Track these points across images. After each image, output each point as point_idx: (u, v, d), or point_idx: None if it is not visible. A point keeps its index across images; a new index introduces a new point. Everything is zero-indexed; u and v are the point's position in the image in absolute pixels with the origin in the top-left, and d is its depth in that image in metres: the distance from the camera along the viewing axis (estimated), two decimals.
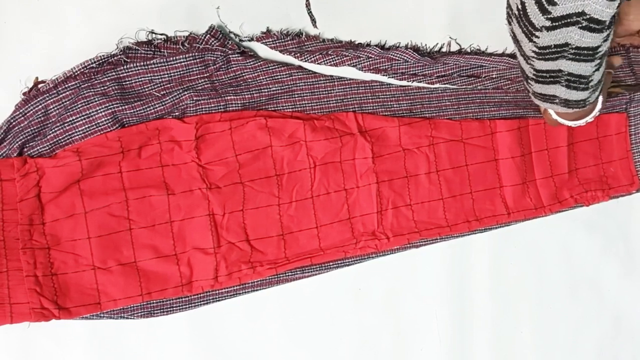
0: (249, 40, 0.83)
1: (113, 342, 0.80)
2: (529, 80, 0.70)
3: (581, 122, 0.79)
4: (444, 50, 0.89)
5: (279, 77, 0.83)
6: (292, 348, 0.85)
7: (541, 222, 0.91)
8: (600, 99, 0.77)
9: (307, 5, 0.86)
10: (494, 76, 0.90)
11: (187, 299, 0.80)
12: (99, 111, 0.76)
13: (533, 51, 0.63)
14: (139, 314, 0.79)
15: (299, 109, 0.84)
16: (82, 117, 0.76)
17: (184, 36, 0.81)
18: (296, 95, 0.84)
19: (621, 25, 0.80)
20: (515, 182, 0.89)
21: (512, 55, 0.90)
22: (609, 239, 0.94)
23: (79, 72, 0.78)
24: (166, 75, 0.80)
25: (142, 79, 0.80)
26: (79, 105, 0.76)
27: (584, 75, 0.65)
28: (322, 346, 0.85)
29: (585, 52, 0.61)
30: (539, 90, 0.71)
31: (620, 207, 0.93)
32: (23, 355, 0.78)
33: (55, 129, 0.76)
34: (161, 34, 0.81)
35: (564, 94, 0.69)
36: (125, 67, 0.79)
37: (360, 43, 0.87)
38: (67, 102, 0.77)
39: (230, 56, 0.82)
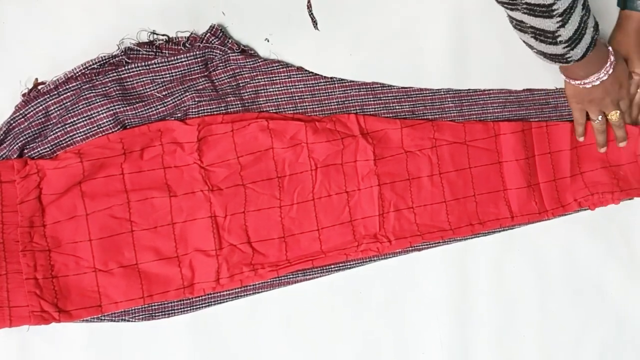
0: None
1: (112, 345, 0.80)
2: (513, 26, 0.71)
3: (593, 80, 0.78)
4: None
5: (277, 78, 0.83)
6: (293, 351, 0.84)
7: (543, 226, 0.90)
8: (611, 58, 0.78)
9: (309, 7, 0.86)
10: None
11: (188, 301, 0.80)
12: (100, 112, 0.76)
13: None
14: (140, 316, 0.78)
15: (300, 110, 0.84)
16: (84, 119, 0.76)
17: (185, 37, 0.81)
18: (296, 97, 0.84)
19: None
20: (520, 185, 0.88)
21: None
22: (611, 242, 0.93)
23: (80, 73, 0.78)
24: (167, 75, 0.80)
25: (144, 79, 0.79)
26: (80, 107, 0.76)
27: (547, 30, 0.65)
28: (323, 349, 0.85)
29: (539, 8, 0.61)
30: (519, 36, 0.71)
31: (623, 211, 0.93)
32: (20, 358, 0.78)
33: (56, 130, 0.76)
34: (162, 35, 0.81)
35: (536, 45, 0.70)
36: (126, 67, 0.79)
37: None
38: (68, 103, 0.77)
39: (229, 55, 0.81)
